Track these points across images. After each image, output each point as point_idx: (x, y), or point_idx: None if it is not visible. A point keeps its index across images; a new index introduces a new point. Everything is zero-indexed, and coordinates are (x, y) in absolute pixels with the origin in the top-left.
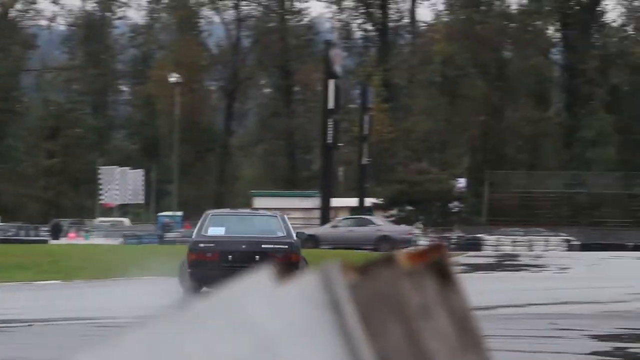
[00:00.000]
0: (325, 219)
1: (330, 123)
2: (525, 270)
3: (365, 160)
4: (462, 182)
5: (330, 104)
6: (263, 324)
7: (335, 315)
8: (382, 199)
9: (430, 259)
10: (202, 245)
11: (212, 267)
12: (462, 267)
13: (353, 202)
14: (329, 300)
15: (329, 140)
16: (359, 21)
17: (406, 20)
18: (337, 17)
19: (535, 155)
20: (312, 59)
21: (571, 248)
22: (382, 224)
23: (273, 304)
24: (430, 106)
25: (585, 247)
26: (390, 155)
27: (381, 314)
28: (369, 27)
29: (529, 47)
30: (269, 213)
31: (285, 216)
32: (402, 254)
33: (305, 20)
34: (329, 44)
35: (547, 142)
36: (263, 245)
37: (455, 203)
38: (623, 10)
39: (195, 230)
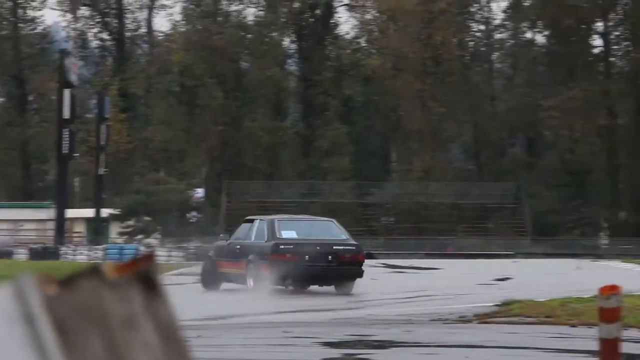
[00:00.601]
0: (60, 230)
1: (65, 133)
2: None
3: (102, 171)
4: (199, 192)
5: (66, 114)
6: None
7: (30, 329)
8: (119, 210)
9: (137, 270)
10: (282, 247)
11: (291, 266)
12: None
13: (89, 212)
14: (23, 314)
15: (65, 150)
16: (95, 30)
17: (143, 30)
18: (73, 26)
19: (274, 165)
20: (47, 67)
21: None
22: None
23: None
24: (169, 116)
25: None
26: (128, 165)
27: (82, 327)
28: (105, 36)
29: (266, 58)
30: (324, 218)
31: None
32: (109, 265)
33: (40, 28)
34: (64, 52)
35: (285, 152)
36: (334, 247)
37: (193, 213)
38: (356, 23)
39: (266, 234)
